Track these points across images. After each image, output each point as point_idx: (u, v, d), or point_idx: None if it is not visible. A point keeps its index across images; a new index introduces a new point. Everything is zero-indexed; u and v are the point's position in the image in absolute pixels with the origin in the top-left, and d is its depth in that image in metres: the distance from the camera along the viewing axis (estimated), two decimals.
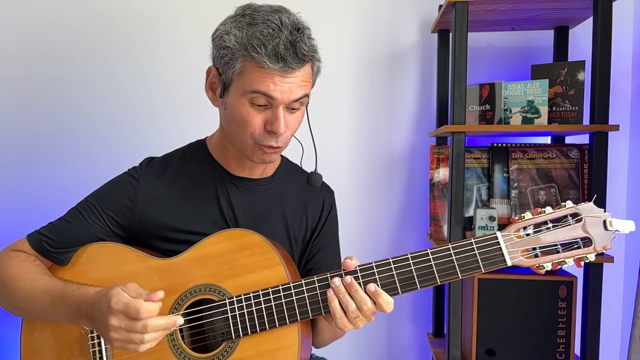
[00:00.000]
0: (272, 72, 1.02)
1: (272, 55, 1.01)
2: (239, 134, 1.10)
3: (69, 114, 1.86)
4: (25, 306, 1.11)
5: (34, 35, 1.85)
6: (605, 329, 1.58)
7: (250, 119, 1.07)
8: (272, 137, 1.08)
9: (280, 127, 1.06)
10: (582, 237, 0.98)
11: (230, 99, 1.09)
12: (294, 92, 1.06)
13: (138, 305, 0.95)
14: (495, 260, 0.99)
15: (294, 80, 1.05)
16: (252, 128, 1.08)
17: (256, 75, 1.04)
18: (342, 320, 1.02)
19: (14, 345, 1.19)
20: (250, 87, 1.04)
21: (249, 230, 1.10)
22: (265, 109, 1.07)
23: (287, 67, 1.02)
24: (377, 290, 1.00)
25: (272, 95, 1.04)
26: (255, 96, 1.05)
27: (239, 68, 1.05)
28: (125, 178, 1.19)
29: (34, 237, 1.15)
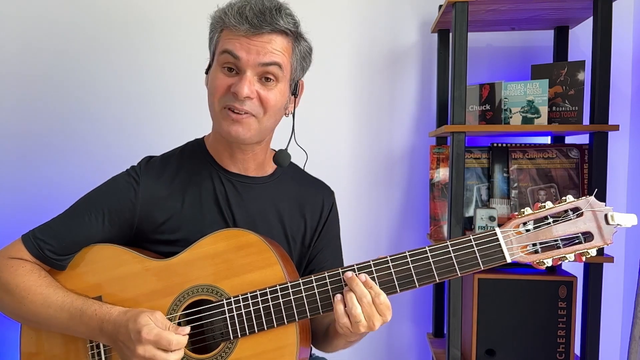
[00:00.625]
0: (239, 33, 1.06)
1: (237, 15, 1.06)
2: (210, 103, 1.13)
3: (69, 113, 1.86)
4: (37, 319, 1.11)
5: (34, 34, 1.84)
6: (605, 329, 1.58)
7: (218, 82, 1.10)
8: (235, 99, 1.08)
9: (243, 88, 1.06)
10: (583, 231, 0.96)
11: (210, 73, 1.14)
12: (261, 54, 1.07)
13: (169, 337, 1.00)
14: (494, 257, 0.98)
15: (261, 44, 1.07)
16: (218, 92, 1.10)
17: (226, 39, 1.08)
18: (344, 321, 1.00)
19: (13, 346, 1.19)
20: (219, 49, 1.09)
21: (246, 230, 1.10)
22: (235, 75, 1.09)
23: (253, 28, 1.05)
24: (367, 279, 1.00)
25: (237, 54, 1.07)
26: (223, 57, 1.08)
27: (217, 39, 1.11)
28: (125, 179, 1.17)
29: (33, 243, 1.12)
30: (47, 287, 1.10)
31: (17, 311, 1.11)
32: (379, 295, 0.99)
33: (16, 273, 1.10)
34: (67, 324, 1.08)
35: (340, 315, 1.00)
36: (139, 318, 1.01)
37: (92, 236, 1.14)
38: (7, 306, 1.12)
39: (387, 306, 1.00)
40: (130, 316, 1.03)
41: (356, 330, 1.00)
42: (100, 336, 1.07)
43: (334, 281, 1.03)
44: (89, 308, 1.07)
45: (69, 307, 1.08)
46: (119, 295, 1.11)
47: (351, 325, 1.00)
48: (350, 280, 1.00)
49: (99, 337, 1.07)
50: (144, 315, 1.02)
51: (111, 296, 1.11)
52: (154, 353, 0.99)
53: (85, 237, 1.14)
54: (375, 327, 1.00)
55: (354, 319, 0.99)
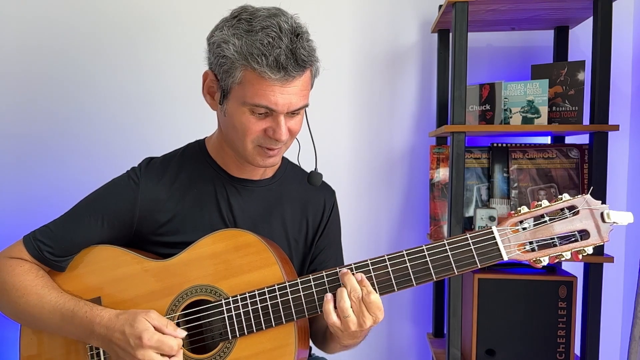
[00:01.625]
0: (272, 82, 1.01)
1: (274, 66, 1.00)
2: (239, 141, 1.10)
3: (69, 114, 1.86)
4: (32, 319, 1.11)
5: (33, 34, 1.85)
6: (605, 329, 1.58)
7: (251, 126, 1.07)
8: (272, 141, 1.09)
9: (282, 135, 1.07)
10: (579, 229, 0.97)
11: (229, 107, 1.08)
12: (294, 103, 1.05)
13: (171, 343, 1.01)
14: (491, 255, 0.99)
15: (294, 89, 1.04)
16: (252, 135, 1.08)
17: (256, 87, 1.03)
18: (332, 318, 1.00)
19: (13, 346, 1.19)
20: (251, 100, 1.04)
21: (244, 230, 1.10)
22: (266, 117, 1.07)
23: (288, 76, 1.01)
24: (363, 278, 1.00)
25: (274, 109, 1.04)
26: (257, 109, 1.05)
27: (239, 78, 1.04)
28: (125, 181, 1.17)
29: (32, 244, 1.13)
30: (42, 288, 1.10)
31: (14, 311, 1.12)
32: (369, 294, 0.99)
33: (14, 273, 1.11)
34: (60, 325, 1.08)
35: (328, 313, 1.00)
36: (136, 322, 1.01)
37: (91, 238, 1.15)
38: (4, 305, 1.13)
39: (378, 306, 1.00)
40: (124, 320, 1.03)
41: (346, 327, 1.00)
42: (92, 339, 1.07)
43: (331, 280, 1.03)
44: (80, 310, 1.07)
45: (61, 308, 1.08)
46: (118, 296, 1.11)
47: (340, 323, 1.00)
48: (343, 275, 1.01)
49: (91, 339, 1.07)
50: (140, 318, 1.01)
51: (110, 297, 1.11)
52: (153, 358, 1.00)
53: (85, 239, 1.15)
54: (365, 325, 1.00)
55: (342, 313, 0.99)
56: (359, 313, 0.99)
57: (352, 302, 0.99)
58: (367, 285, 1.00)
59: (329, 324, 1.01)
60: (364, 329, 1.01)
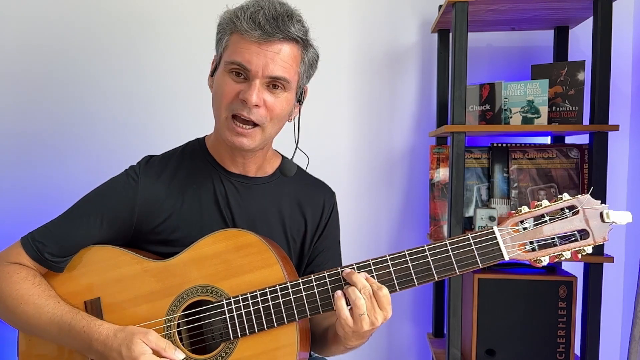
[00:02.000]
0: (250, 39, 1.05)
1: (250, 21, 1.04)
2: (216, 108, 1.12)
3: (69, 113, 1.86)
4: (30, 329, 1.11)
5: (34, 34, 1.85)
6: (605, 329, 1.58)
7: (225, 88, 1.08)
8: (243, 106, 1.07)
9: (252, 96, 1.05)
10: (579, 229, 0.97)
11: (216, 76, 1.12)
12: (270, 67, 1.06)
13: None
14: (492, 255, 0.99)
15: (272, 54, 1.05)
16: (226, 98, 1.08)
17: (236, 45, 1.07)
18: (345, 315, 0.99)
19: (13, 346, 1.19)
20: (229, 58, 1.07)
21: (245, 230, 1.10)
22: (244, 82, 1.08)
23: (265, 35, 1.04)
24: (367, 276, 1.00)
25: (246, 66, 1.05)
26: (233, 67, 1.07)
27: (226, 42, 1.09)
28: (124, 179, 1.17)
29: (31, 246, 1.12)
30: (39, 297, 1.09)
31: (12, 318, 1.11)
32: (381, 289, 0.99)
33: (11, 280, 1.10)
34: (57, 336, 1.08)
35: (342, 309, 1.00)
36: (133, 345, 1.00)
37: (91, 237, 1.14)
38: (1, 314, 1.12)
39: (389, 300, 1.00)
40: (122, 340, 1.02)
41: (359, 326, 0.99)
42: (90, 353, 1.06)
43: (333, 280, 1.03)
44: (77, 324, 1.06)
45: (58, 321, 1.07)
46: (117, 297, 1.11)
47: (353, 321, 0.99)
48: (349, 275, 1.00)
49: (89, 353, 1.07)
50: (137, 340, 1.01)
51: (110, 297, 1.11)
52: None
53: (85, 239, 1.14)
54: (377, 322, 1.00)
55: (358, 311, 0.98)
56: (370, 310, 0.99)
57: (365, 299, 0.99)
58: (375, 281, 1.00)
59: (340, 321, 1.00)
60: (375, 327, 1.01)
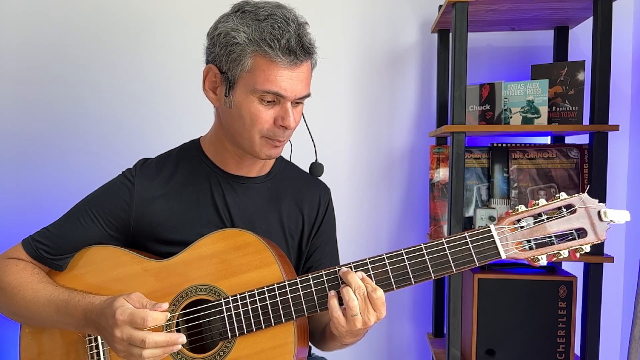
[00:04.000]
0: (282, 66, 1.05)
1: (285, 49, 1.04)
2: (246, 131, 1.11)
3: (70, 113, 1.86)
4: (29, 315, 1.11)
5: (35, 34, 1.85)
6: (605, 329, 1.58)
7: (260, 115, 1.09)
8: (281, 132, 1.11)
9: (291, 121, 1.09)
10: (576, 228, 0.97)
11: (236, 97, 1.09)
12: (299, 90, 1.08)
13: (144, 314, 0.97)
14: (489, 254, 0.99)
15: (301, 76, 1.08)
16: (261, 124, 1.09)
17: (267, 73, 1.05)
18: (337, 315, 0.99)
19: (13, 346, 1.19)
20: (261, 87, 1.06)
21: (243, 230, 1.10)
22: (274, 105, 1.09)
23: (296, 60, 1.05)
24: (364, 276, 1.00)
25: (283, 94, 1.07)
26: (269, 96, 1.07)
27: (249, 65, 1.06)
28: (120, 181, 1.18)
29: (30, 245, 1.15)
30: (37, 283, 1.11)
31: (11, 308, 1.12)
32: (375, 290, 0.99)
33: (9, 271, 1.12)
34: (55, 317, 1.08)
35: (334, 309, 1.00)
36: (115, 301, 1.00)
37: (89, 237, 1.15)
38: (1, 304, 1.13)
39: (383, 302, 1.00)
40: (109, 302, 1.02)
41: (351, 326, 1.00)
42: (85, 326, 1.06)
43: (331, 279, 1.03)
44: (72, 299, 1.07)
45: (55, 300, 1.08)
46: None
47: (346, 321, 1.00)
48: (345, 274, 1.00)
49: (84, 327, 1.07)
50: (119, 297, 1.01)
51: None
52: (131, 333, 0.97)
53: (82, 238, 1.15)
54: (370, 322, 1.00)
55: (350, 312, 0.99)
56: (364, 310, 0.99)
57: (359, 299, 0.99)
58: (370, 282, 1.00)
59: (333, 320, 1.01)
60: (368, 327, 1.01)
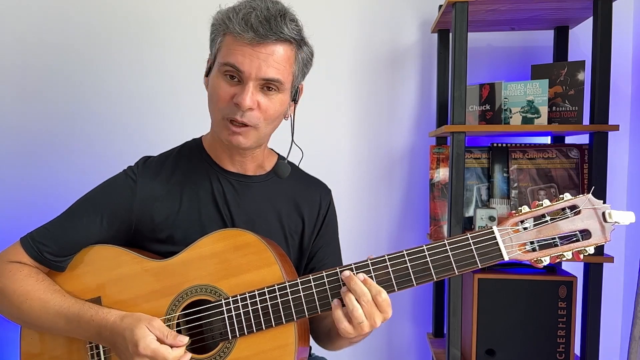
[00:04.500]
0: (243, 41, 1.04)
1: (242, 23, 1.04)
2: (212, 111, 1.12)
3: (73, 111, 1.86)
4: (36, 323, 1.11)
5: (38, 33, 1.85)
6: (605, 329, 1.58)
7: (220, 91, 1.08)
8: (237, 110, 1.07)
9: (245, 99, 1.05)
10: (580, 229, 0.96)
11: (211, 77, 1.12)
12: (263, 69, 1.05)
13: (167, 354, 1.00)
14: (492, 256, 0.98)
15: (265, 56, 1.05)
16: (220, 102, 1.09)
17: (229, 47, 1.06)
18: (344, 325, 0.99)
19: (13, 346, 1.19)
20: (222, 59, 1.07)
21: (244, 230, 1.10)
22: (237, 84, 1.08)
23: (258, 37, 1.04)
24: (366, 278, 0.99)
25: (239, 68, 1.05)
26: (227, 69, 1.07)
27: (219, 42, 1.09)
28: (123, 179, 1.18)
29: (31, 246, 1.13)
30: (44, 292, 1.10)
31: (17, 315, 1.11)
32: (380, 293, 0.98)
33: (14, 278, 1.10)
34: (66, 328, 1.09)
35: (339, 319, 0.99)
36: (136, 329, 1.01)
37: (90, 237, 1.15)
38: (6, 311, 1.13)
39: (388, 303, 0.99)
40: (127, 325, 1.02)
41: (359, 331, 0.99)
42: (99, 340, 1.08)
43: (331, 280, 1.03)
44: (85, 313, 1.07)
45: (66, 313, 1.08)
46: (117, 296, 1.11)
47: (353, 328, 0.99)
48: (348, 280, 0.99)
49: (98, 341, 1.08)
50: (141, 325, 1.01)
51: (110, 297, 1.11)
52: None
53: (84, 238, 1.14)
54: (377, 324, 0.99)
55: (355, 321, 0.98)
56: (370, 315, 0.98)
57: (364, 307, 0.98)
58: (373, 284, 0.99)
59: (340, 328, 1.00)
60: (375, 327, 1.00)
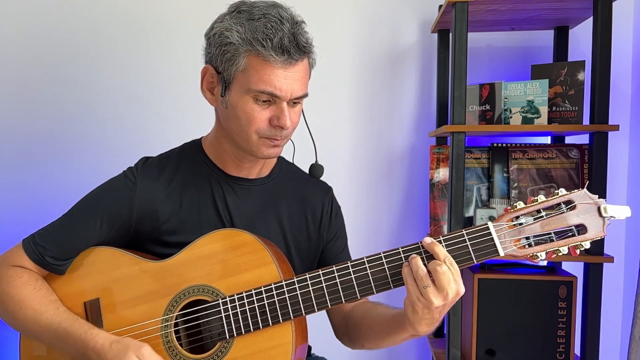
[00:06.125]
0: (276, 65, 1.04)
1: (278, 48, 1.03)
2: (243, 132, 1.10)
3: (73, 114, 1.86)
4: (28, 332, 1.12)
5: (39, 33, 1.85)
6: (605, 329, 1.58)
7: (255, 115, 1.08)
8: (278, 131, 1.10)
9: (287, 121, 1.08)
10: (576, 224, 0.95)
11: (232, 97, 1.09)
12: (296, 89, 1.07)
13: None
14: (487, 251, 0.97)
15: (297, 75, 1.07)
16: (257, 124, 1.09)
17: (260, 73, 1.05)
18: (413, 288, 0.95)
19: (13, 346, 1.19)
20: (255, 87, 1.05)
21: (241, 230, 1.10)
22: (269, 105, 1.08)
23: (291, 59, 1.04)
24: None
25: (278, 94, 1.06)
26: (264, 97, 1.07)
27: (243, 64, 1.05)
28: (122, 180, 1.17)
29: (33, 250, 1.12)
30: (39, 303, 1.09)
31: (12, 322, 1.12)
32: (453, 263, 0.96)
33: (13, 284, 1.10)
34: (54, 343, 1.09)
35: (420, 273, 0.95)
36: (125, 358, 1.01)
37: (91, 239, 1.14)
38: (3, 316, 1.13)
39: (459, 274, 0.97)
40: (117, 351, 1.02)
41: (445, 297, 0.94)
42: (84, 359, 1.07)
43: (328, 279, 1.03)
44: (75, 332, 1.06)
45: (56, 328, 1.07)
46: (116, 297, 1.11)
47: (437, 292, 0.94)
48: (431, 246, 0.97)
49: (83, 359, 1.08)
50: (130, 354, 1.01)
51: (109, 298, 1.12)
52: None
53: (85, 241, 1.14)
54: (461, 290, 0.96)
55: (443, 277, 0.93)
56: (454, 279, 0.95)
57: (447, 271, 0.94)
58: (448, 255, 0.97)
59: (423, 295, 0.95)
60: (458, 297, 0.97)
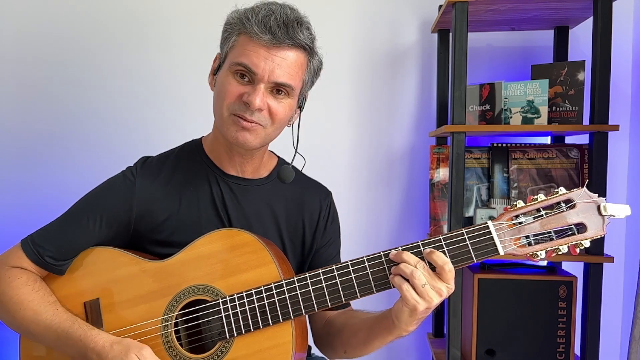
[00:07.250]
0: (260, 42, 1.05)
1: (261, 24, 1.04)
2: (218, 107, 1.11)
3: (74, 113, 1.86)
4: (28, 333, 1.12)
5: (40, 33, 1.85)
6: (605, 329, 1.58)
7: (229, 88, 1.08)
8: (245, 108, 1.08)
9: (255, 99, 1.06)
10: (576, 223, 0.95)
11: (220, 75, 1.12)
12: (277, 73, 1.06)
13: None
14: (487, 250, 0.97)
15: (281, 61, 1.06)
16: (228, 99, 1.08)
17: (244, 47, 1.06)
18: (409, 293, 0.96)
19: (13, 346, 1.19)
20: (235, 59, 1.07)
21: (241, 230, 1.10)
22: (248, 84, 1.08)
23: (275, 40, 1.04)
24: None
25: (253, 69, 1.05)
26: (239, 68, 1.07)
27: (233, 41, 1.08)
28: (121, 180, 1.17)
29: (32, 250, 1.12)
30: (38, 304, 1.10)
31: (12, 322, 1.12)
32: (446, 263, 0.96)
33: (12, 285, 1.11)
34: (54, 343, 1.09)
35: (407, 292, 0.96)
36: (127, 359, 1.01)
37: (90, 239, 1.14)
38: (3, 317, 1.13)
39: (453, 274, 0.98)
40: (118, 352, 1.03)
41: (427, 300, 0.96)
42: None
43: (328, 278, 1.03)
44: (74, 332, 1.07)
45: (55, 329, 1.08)
46: (116, 297, 1.11)
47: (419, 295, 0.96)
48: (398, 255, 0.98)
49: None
50: (131, 355, 1.02)
51: (109, 298, 1.12)
52: None
53: (84, 241, 1.14)
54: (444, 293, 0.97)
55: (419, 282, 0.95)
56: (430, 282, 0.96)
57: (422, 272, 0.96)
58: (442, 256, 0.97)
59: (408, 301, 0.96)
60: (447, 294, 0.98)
